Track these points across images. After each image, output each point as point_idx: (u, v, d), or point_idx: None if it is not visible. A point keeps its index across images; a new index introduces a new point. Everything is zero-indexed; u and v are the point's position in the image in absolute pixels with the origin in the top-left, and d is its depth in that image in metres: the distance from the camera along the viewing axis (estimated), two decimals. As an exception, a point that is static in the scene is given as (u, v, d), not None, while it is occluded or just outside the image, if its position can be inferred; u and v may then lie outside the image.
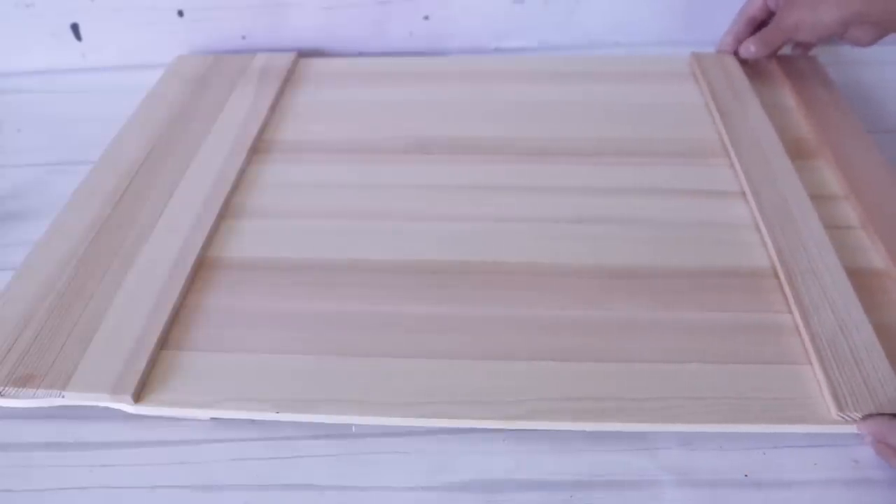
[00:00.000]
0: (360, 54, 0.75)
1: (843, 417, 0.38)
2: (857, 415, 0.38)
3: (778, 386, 0.41)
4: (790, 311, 0.45)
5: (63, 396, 0.41)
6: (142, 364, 0.42)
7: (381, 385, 0.41)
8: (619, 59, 0.72)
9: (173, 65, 0.72)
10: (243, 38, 0.74)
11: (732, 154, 0.57)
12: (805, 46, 0.68)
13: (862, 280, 0.46)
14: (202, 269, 0.49)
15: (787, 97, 0.65)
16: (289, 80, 0.69)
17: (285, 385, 0.41)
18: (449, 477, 0.39)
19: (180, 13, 0.73)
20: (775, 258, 0.48)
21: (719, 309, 0.46)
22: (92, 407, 0.41)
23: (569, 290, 0.47)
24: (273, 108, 0.65)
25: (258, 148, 0.60)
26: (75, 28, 0.73)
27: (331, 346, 0.44)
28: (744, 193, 0.54)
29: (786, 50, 0.71)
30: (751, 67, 0.68)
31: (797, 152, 0.57)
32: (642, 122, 0.62)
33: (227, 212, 0.54)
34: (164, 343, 0.44)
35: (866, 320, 0.43)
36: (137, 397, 0.41)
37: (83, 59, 0.75)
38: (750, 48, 0.64)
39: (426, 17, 0.73)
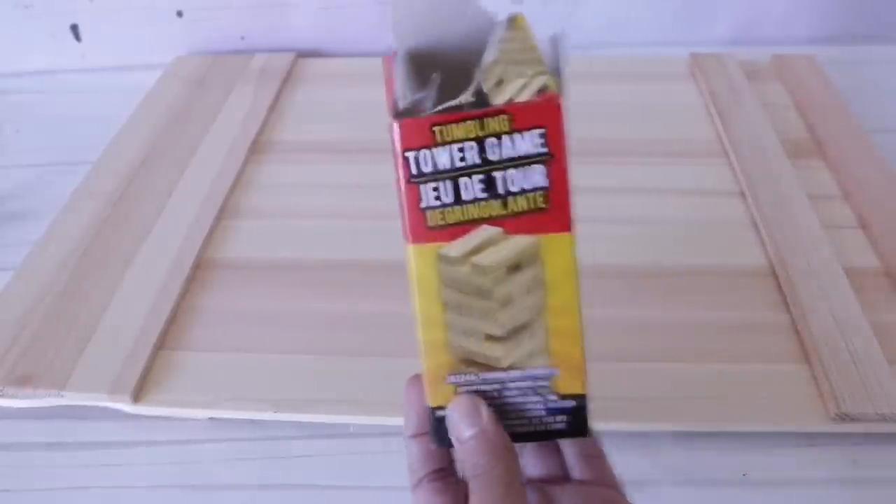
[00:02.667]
0: (360, 55, 0.75)
1: (840, 417, 0.38)
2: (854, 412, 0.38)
3: (777, 386, 0.41)
4: (788, 311, 0.45)
5: (62, 396, 0.41)
6: (140, 364, 0.42)
7: (380, 385, 0.41)
8: (619, 60, 0.72)
9: (172, 65, 0.72)
10: (242, 38, 0.74)
11: (731, 154, 0.57)
12: None
13: (860, 279, 0.46)
14: (201, 269, 0.49)
15: (786, 97, 0.65)
16: (288, 81, 0.69)
17: (283, 385, 0.41)
18: (448, 476, 0.39)
19: (179, 14, 0.73)
20: (773, 258, 0.48)
21: (718, 308, 0.46)
22: (91, 407, 0.41)
23: (568, 289, 0.47)
24: (272, 108, 0.65)
25: (257, 148, 0.60)
26: (75, 29, 0.73)
27: (329, 346, 0.44)
28: (742, 193, 0.54)
29: (783, 50, 0.71)
30: (749, 68, 0.68)
31: (795, 152, 0.57)
32: (641, 123, 0.62)
33: (225, 212, 0.54)
34: (162, 343, 0.44)
35: (864, 320, 0.43)
36: (136, 397, 0.41)
37: (82, 60, 0.75)
38: None
39: (425, 18, 0.73)
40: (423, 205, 0.24)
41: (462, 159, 0.24)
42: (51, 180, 0.61)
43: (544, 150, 0.25)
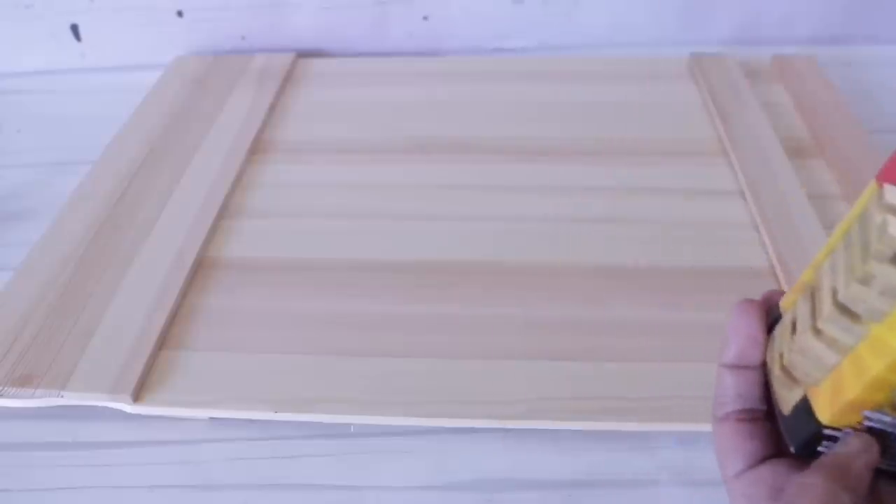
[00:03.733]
0: (360, 55, 0.75)
1: (842, 417, 0.38)
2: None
3: (777, 385, 0.41)
4: (789, 311, 0.45)
5: (62, 396, 0.41)
6: (141, 364, 0.42)
7: (380, 385, 0.41)
8: (618, 60, 0.72)
9: (173, 65, 0.72)
10: (243, 38, 0.74)
11: (731, 154, 0.57)
12: None
13: (861, 280, 0.46)
14: (201, 268, 0.49)
15: (786, 97, 0.65)
16: (288, 81, 0.69)
17: (284, 385, 0.41)
18: (448, 476, 0.39)
19: (180, 14, 0.73)
20: (774, 258, 0.48)
21: (718, 308, 0.45)
22: (91, 407, 0.41)
23: (569, 290, 0.47)
24: (272, 108, 0.65)
25: (257, 148, 0.60)
26: (75, 29, 0.73)
27: (330, 346, 0.44)
28: (742, 193, 0.54)
29: (784, 50, 0.71)
30: (749, 68, 0.68)
31: (796, 152, 0.57)
32: (642, 122, 0.62)
33: (226, 212, 0.54)
34: (162, 343, 0.44)
35: (865, 320, 0.43)
36: (136, 397, 0.41)
37: (83, 60, 0.75)
38: None
39: (425, 18, 0.73)
40: None
41: None
42: (51, 180, 0.61)
43: None
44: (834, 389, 0.22)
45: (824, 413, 0.22)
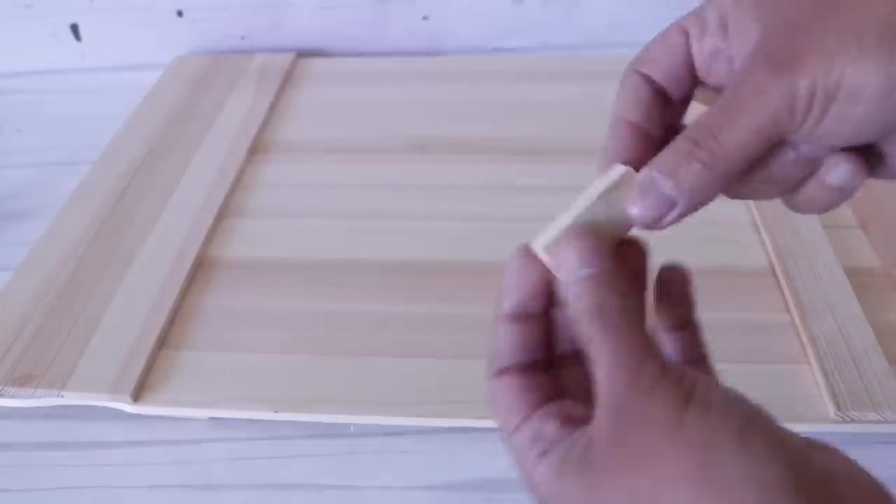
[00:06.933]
0: (360, 54, 0.75)
1: (841, 417, 0.38)
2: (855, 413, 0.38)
3: (776, 385, 0.41)
4: (789, 311, 0.45)
5: (62, 396, 0.41)
6: (140, 364, 0.42)
7: (380, 384, 0.41)
8: (619, 60, 0.71)
9: (172, 65, 0.72)
10: (242, 38, 0.75)
11: (731, 154, 0.57)
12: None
13: (860, 279, 0.46)
14: (201, 268, 0.49)
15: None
16: (288, 81, 0.69)
17: (284, 385, 0.41)
18: (447, 476, 0.39)
19: (179, 13, 0.73)
20: (774, 258, 0.48)
21: (718, 309, 0.45)
22: (91, 407, 0.41)
23: (568, 289, 0.47)
24: (272, 108, 0.65)
25: (257, 148, 0.60)
26: (74, 28, 0.73)
27: (329, 346, 0.44)
28: (743, 193, 0.54)
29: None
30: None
31: (796, 152, 0.57)
32: (641, 122, 0.62)
33: (226, 211, 0.54)
34: (162, 342, 0.44)
35: (865, 320, 0.43)
36: (136, 397, 0.41)
37: (82, 60, 0.75)
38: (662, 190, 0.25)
39: (425, 18, 0.73)
40: None
41: None
42: (51, 180, 0.61)
43: None
44: None
45: None
